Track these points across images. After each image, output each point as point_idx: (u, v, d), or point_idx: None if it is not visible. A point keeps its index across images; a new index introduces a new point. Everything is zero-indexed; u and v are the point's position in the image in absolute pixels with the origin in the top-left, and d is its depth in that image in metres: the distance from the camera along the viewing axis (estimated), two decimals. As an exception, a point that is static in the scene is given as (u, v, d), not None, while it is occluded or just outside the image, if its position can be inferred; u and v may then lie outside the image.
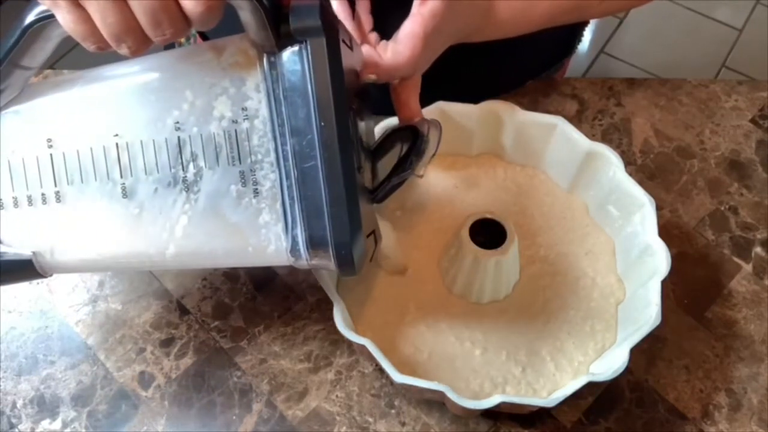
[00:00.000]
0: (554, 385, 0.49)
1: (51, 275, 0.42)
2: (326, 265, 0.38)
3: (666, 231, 0.54)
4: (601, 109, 0.67)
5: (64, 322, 0.55)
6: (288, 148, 0.36)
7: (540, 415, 0.50)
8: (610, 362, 0.48)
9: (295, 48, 0.35)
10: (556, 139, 0.57)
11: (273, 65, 0.36)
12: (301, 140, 0.36)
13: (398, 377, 0.45)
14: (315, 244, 0.37)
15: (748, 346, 0.54)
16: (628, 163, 0.62)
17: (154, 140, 0.37)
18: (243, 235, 0.38)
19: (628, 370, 0.46)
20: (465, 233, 0.50)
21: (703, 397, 0.52)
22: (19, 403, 0.51)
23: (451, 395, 0.44)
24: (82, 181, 0.38)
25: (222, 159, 0.37)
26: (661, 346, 0.54)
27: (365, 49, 0.45)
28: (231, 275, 0.57)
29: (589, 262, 0.55)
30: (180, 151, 0.37)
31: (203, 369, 0.52)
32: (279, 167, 0.36)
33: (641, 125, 0.66)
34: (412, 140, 0.46)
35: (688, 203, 0.61)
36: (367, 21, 0.50)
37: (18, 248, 0.40)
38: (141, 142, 0.37)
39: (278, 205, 0.37)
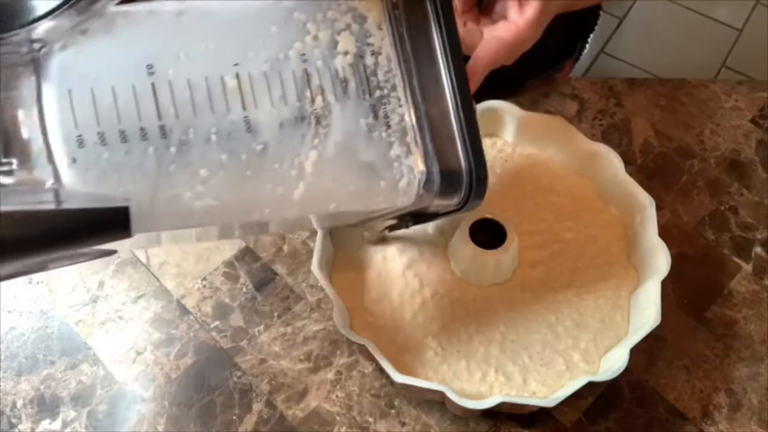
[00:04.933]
0: (566, 379, 0.49)
1: (134, 236, 0.33)
2: (449, 201, 0.38)
3: (666, 231, 0.54)
4: (601, 109, 0.67)
5: (64, 322, 0.55)
6: (415, 83, 0.37)
7: (540, 415, 0.50)
8: (610, 362, 0.48)
9: None
10: (556, 139, 0.57)
11: (395, 5, 0.37)
12: (427, 77, 0.37)
13: (398, 377, 0.45)
14: (448, 175, 0.37)
15: (748, 346, 0.54)
16: (628, 163, 0.62)
17: (280, 72, 0.35)
18: (375, 169, 0.36)
19: (628, 370, 0.46)
20: (465, 234, 0.50)
21: (703, 397, 0.52)
22: (19, 403, 0.51)
23: (451, 395, 0.44)
24: (194, 114, 0.33)
25: (350, 92, 0.36)
26: (661, 346, 0.53)
27: (472, 27, 0.45)
28: (231, 275, 0.57)
29: (598, 248, 0.54)
30: (307, 84, 0.35)
31: (203, 369, 0.52)
32: (407, 102, 0.37)
33: (641, 125, 0.66)
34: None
35: (688, 203, 0.61)
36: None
37: (106, 196, 0.32)
38: (264, 73, 0.34)
39: (408, 138, 0.37)
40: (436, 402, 0.50)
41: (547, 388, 0.48)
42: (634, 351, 0.46)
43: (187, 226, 0.35)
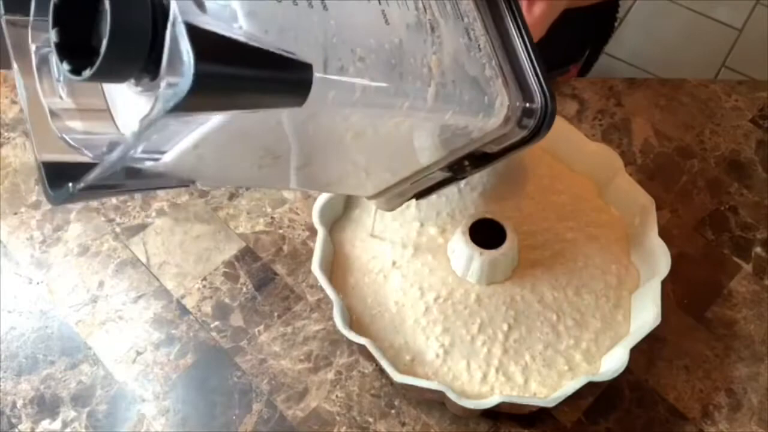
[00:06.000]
0: (567, 379, 0.49)
1: (306, 101, 0.31)
2: (521, 131, 0.40)
3: (666, 231, 0.54)
4: (601, 109, 0.67)
5: (64, 322, 0.55)
6: (488, 21, 0.39)
7: (540, 415, 0.50)
8: (610, 362, 0.48)
9: None
10: (556, 140, 0.57)
11: None
12: (497, 17, 0.39)
13: (398, 377, 0.45)
14: (528, 102, 0.39)
15: (748, 346, 0.54)
16: (628, 163, 0.62)
17: None
18: (479, 83, 0.38)
19: (628, 370, 0.46)
20: (465, 234, 0.50)
21: (703, 397, 0.52)
22: (19, 403, 0.51)
23: (451, 395, 0.44)
24: None
25: (449, 11, 0.38)
26: (661, 346, 0.54)
27: None
28: (231, 275, 0.57)
29: (599, 247, 0.54)
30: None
31: (203, 369, 0.52)
32: (486, 33, 0.39)
33: (641, 125, 0.66)
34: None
35: (688, 203, 0.61)
36: None
37: (289, 52, 0.30)
38: None
39: (494, 63, 0.39)
40: (436, 402, 0.50)
41: (548, 388, 0.48)
42: (634, 351, 0.46)
43: (348, 104, 0.34)
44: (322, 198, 0.53)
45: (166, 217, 0.60)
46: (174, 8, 0.26)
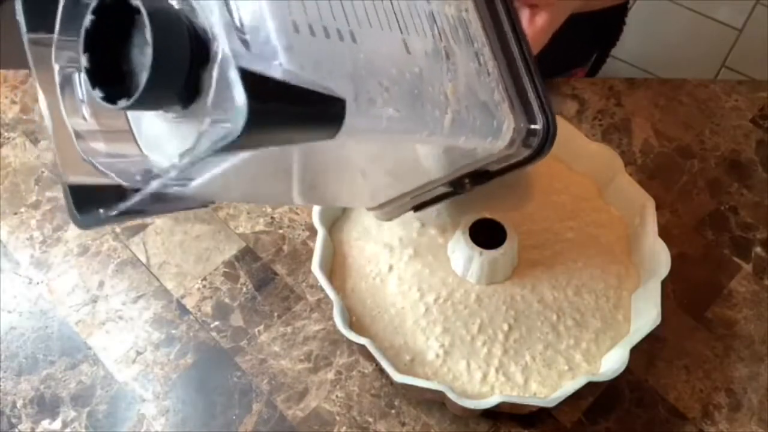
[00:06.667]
0: (567, 379, 0.48)
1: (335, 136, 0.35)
2: (524, 152, 0.41)
3: (666, 231, 0.54)
4: (601, 109, 0.67)
5: (64, 322, 0.55)
6: (493, 44, 0.40)
7: (540, 415, 0.50)
8: (610, 362, 0.48)
9: None
10: (556, 140, 0.57)
11: None
12: (501, 41, 0.40)
13: (398, 377, 0.45)
14: (531, 126, 0.40)
15: (748, 346, 0.54)
16: (628, 163, 0.62)
17: (416, 6, 0.38)
18: (489, 108, 0.39)
19: (628, 370, 0.46)
20: (465, 234, 0.50)
21: (703, 397, 0.52)
22: (19, 403, 0.51)
23: (451, 395, 0.44)
24: (370, 26, 0.35)
25: (461, 37, 0.39)
26: (661, 346, 0.54)
27: None
28: (231, 275, 0.57)
29: (599, 247, 0.54)
30: (435, 23, 0.38)
31: (203, 369, 0.52)
32: (492, 57, 0.40)
33: (641, 125, 0.66)
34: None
35: (688, 203, 0.61)
36: None
37: (323, 86, 0.32)
38: (407, 4, 0.38)
39: (501, 87, 0.40)
40: (436, 402, 0.50)
41: (548, 388, 0.48)
42: (634, 351, 0.46)
43: (377, 132, 0.36)
44: (323, 198, 0.53)
45: (166, 217, 0.60)
46: (224, 50, 0.27)
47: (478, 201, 0.57)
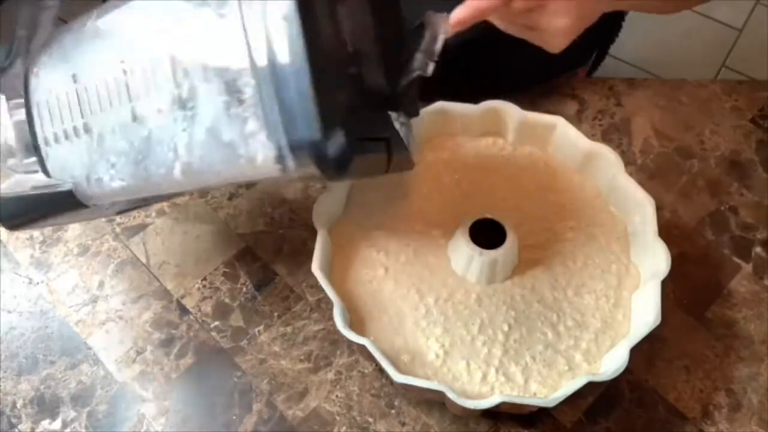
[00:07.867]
0: (567, 379, 0.48)
1: (92, 204, 0.44)
2: (313, 171, 0.37)
3: (666, 231, 0.54)
4: (601, 109, 0.67)
5: (64, 322, 0.55)
6: (262, 53, 0.35)
7: (540, 415, 0.50)
8: (610, 362, 0.48)
9: None
10: (556, 140, 0.57)
11: None
12: (270, 45, 0.35)
13: (398, 377, 0.45)
14: (295, 147, 0.36)
15: (748, 346, 0.54)
16: (628, 163, 0.62)
17: (153, 60, 0.38)
18: (234, 147, 0.37)
19: (628, 370, 0.46)
20: (465, 234, 0.50)
21: (703, 397, 0.52)
22: (19, 403, 0.51)
23: (451, 395, 0.44)
24: (101, 110, 0.40)
25: (210, 72, 0.37)
26: (661, 346, 0.54)
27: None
28: (231, 275, 0.57)
29: (599, 247, 0.54)
30: (176, 66, 0.38)
31: (203, 369, 0.52)
32: (255, 73, 0.35)
33: (641, 125, 0.66)
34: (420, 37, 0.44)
35: (688, 203, 0.61)
36: None
37: (60, 180, 0.43)
38: (141, 67, 0.39)
39: (259, 112, 0.36)
40: (436, 402, 0.50)
41: (548, 388, 0.48)
42: (634, 351, 0.46)
43: (115, 199, 0.44)
44: (322, 198, 0.53)
45: (166, 217, 0.60)
46: None
47: (478, 201, 0.57)
